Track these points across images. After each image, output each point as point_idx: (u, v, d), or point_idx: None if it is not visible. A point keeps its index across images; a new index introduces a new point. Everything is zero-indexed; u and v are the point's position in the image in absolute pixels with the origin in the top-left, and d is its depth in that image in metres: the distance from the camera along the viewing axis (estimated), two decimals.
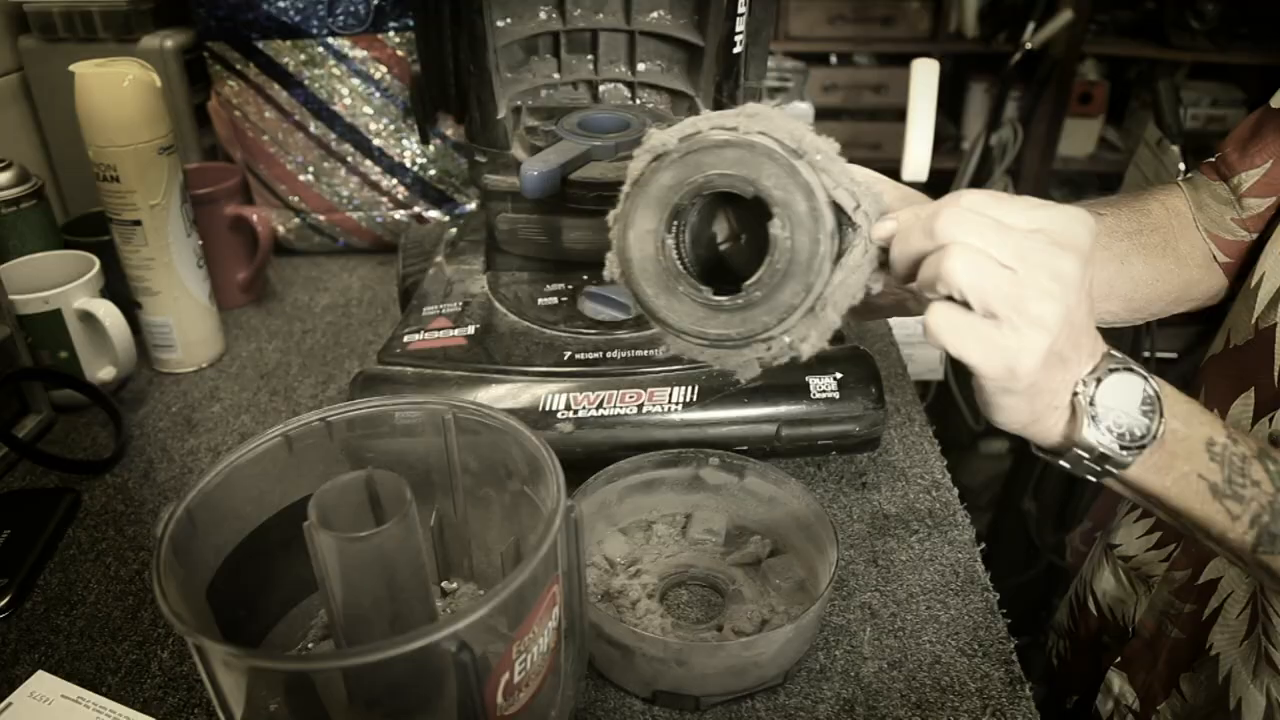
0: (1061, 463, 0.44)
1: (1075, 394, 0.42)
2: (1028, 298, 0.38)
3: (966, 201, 0.39)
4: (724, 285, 0.45)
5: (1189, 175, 0.69)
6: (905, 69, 1.35)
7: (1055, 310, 0.38)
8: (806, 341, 0.44)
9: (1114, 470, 0.43)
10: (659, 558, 0.61)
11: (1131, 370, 0.42)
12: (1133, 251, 0.64)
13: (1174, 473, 0.43)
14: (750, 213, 0.44)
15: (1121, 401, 0.42)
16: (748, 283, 0.43)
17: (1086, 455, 0.42)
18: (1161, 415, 0.42)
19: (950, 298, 0.39)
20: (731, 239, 0.50)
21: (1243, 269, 0.66)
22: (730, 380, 0.66)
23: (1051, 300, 0.38)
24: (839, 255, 0.43)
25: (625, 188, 0.45)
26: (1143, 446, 0.42)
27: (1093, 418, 0.41)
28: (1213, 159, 0.68)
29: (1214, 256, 0.66)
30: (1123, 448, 0.42)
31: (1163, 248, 0.65)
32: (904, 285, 0.43)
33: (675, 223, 0.44)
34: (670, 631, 0.55)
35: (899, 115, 1.66)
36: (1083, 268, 0.39)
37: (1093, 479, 0.44)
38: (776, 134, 0.42)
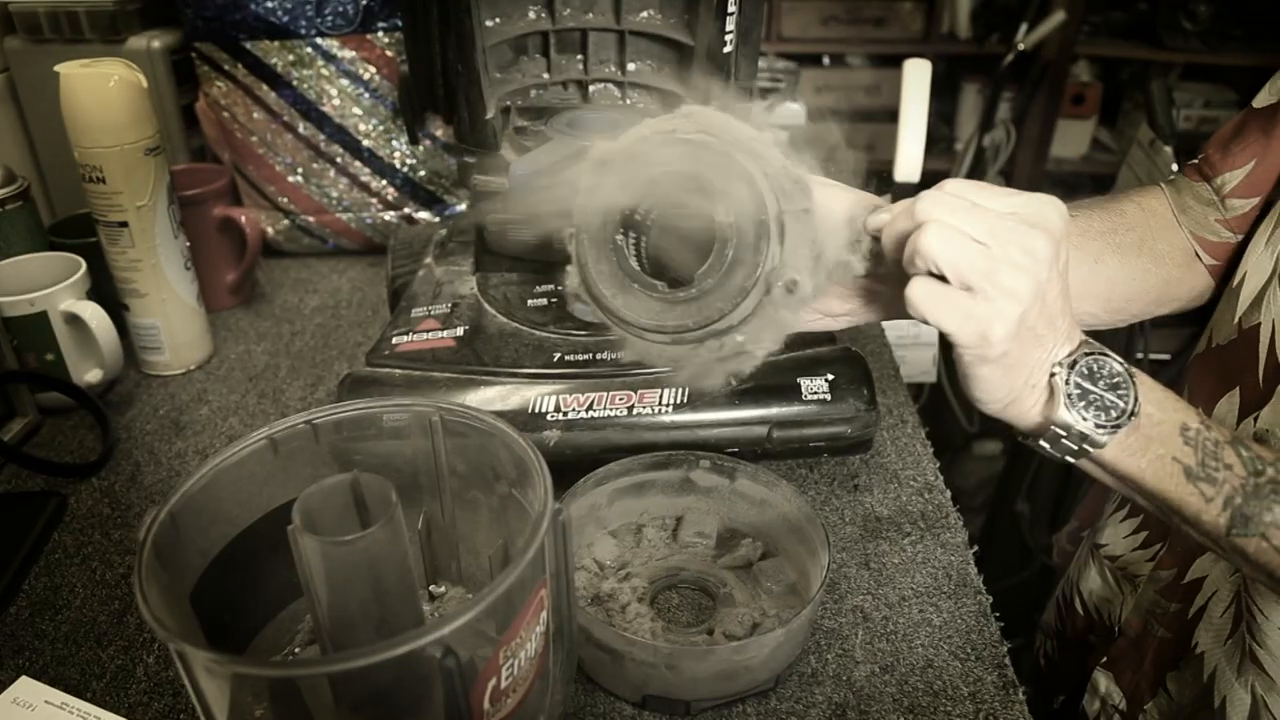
0: (1041, 443, 0.46)
1: (1052, 374, 0.44)
2: (1000, 270, 0.41)
3: (948, 187, 0.43)
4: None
5: (1171, 178, 0.69)
6: (898, 70, 1.35)
7: (1027, 283, 0.41)
8: (764, 334, 0.46)
9: (1090, 450, 0.45)
10: (649, 561, 0.61)
11: (1107, 355, 0.45)
12: (1106, 251, 0.64)
13: (1149, 455, 0.45)
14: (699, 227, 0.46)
15: (1098, 383, 0.44)
16: (699, 271, 0.45)
17: (1064, 434, 0.45)
18: (1136, 399, 0.44)
19: (930, 273, 0.42)
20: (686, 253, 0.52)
21: (1229, 270, 0.66)
22: (720, 382, 0.66)
23: (1023, 273, 0.41)
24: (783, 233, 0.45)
25: (577, 200, 0.47)
26: (1118, 426, 0.44)
27: (1069, 396, 0.44)
28: (1196, 160, 0.68)
29: (1199, 258, 0.66)
30: (1099, 427, 0.44)
31: (1138, 246, 0.65)
32: (895, 270, 0.45)
33: (628, 231, 0.47)
34: (660, 635, 0.55)
35: (892, 116, 1.66)
36: (1054, 246, 0.42)
37: (1070, 459, 0.46)
38: (713, 130, 0.44)
